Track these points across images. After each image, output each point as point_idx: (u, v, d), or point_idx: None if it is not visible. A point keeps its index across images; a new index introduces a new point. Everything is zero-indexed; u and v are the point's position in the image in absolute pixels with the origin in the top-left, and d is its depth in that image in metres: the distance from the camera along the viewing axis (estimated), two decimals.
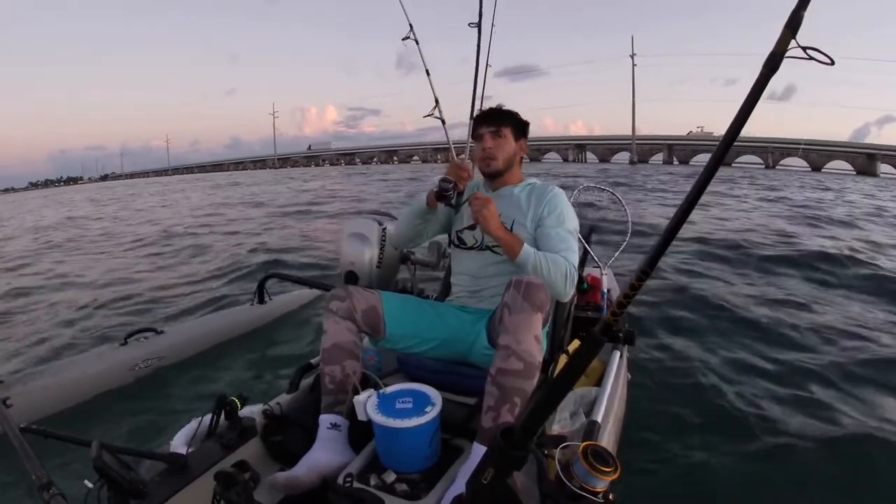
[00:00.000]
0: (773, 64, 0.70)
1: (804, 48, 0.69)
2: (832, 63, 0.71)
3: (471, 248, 1.84)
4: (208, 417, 1.62)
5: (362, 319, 1.63)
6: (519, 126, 1.86)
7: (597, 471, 0.89)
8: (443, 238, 2.03)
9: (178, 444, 1.59)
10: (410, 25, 2.55)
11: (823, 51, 0.70)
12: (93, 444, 1.14)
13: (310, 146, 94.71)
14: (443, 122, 2.54)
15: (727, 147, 0.75)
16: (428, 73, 2.60)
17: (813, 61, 0.71)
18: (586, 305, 2.56)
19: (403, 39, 2.56)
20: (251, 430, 1.61)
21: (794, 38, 0.69)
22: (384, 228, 2.22)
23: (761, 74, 0.71)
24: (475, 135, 1.86)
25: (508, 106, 1.89)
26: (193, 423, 1.66)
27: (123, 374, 3.00)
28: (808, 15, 0.69)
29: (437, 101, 2.52)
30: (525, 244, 1.63)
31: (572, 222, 1.75)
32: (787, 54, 0.69)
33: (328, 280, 4.19)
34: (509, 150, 1.82)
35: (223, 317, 3.89)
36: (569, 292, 1.61)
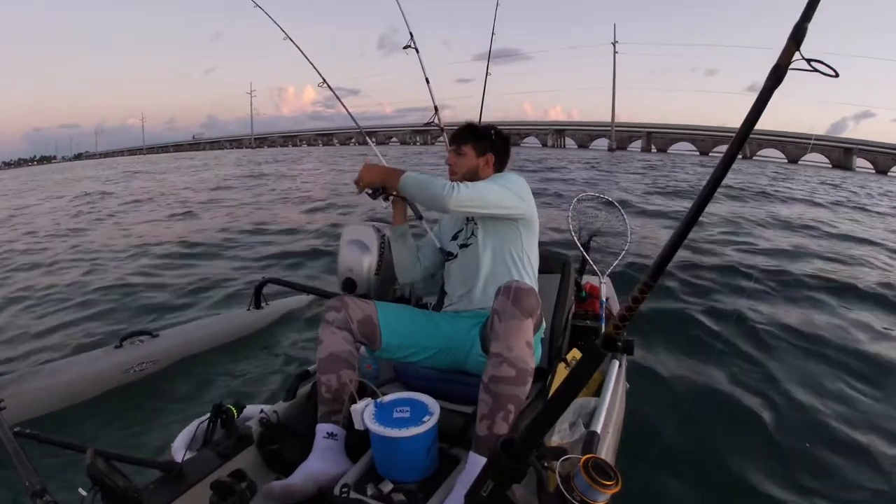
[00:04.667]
0: (777, 76, 0.70)
1: (808, 60, 0.69)
2: (836, 75, 0.71)
3: (456, 256, 1.90)
4: (205, 425, 1.61)
5: (358, 329, 1.62)
6: (485, 142, 1.90)
7: (598, 484, 0.88)
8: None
9: (179, 446, 1.58)
10: (411, 34, 2.58)
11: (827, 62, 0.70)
12: (88, 451, 1.13)
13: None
14: (442, 129, 2.54)
15: (730, 160, 0.75)
16: (428, 82, 2.62)
17: (816, 73, 0.71)
18: (584, 314, 2.55)
19: (405, 48, 2.58)
20: (248, 439, 1.60)
21: (799, 50, 0.69)
22: (383, 235, 2.21)
23: (765, 87, 0.71)
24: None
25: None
26: (195, 424, 1.65)
27: (118, 376, 2.98)
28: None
29: (436, 109, 2.53)
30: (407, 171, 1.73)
31: (505, 182, 1.75)
32: (792, 66, 0.69)
33: (325, 287, 4.17)
34: (469, 165, 1.89)
35: (219, 321, 3.87)
36: (447, 195, 1.59)
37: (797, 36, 0.69)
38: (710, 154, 47.57)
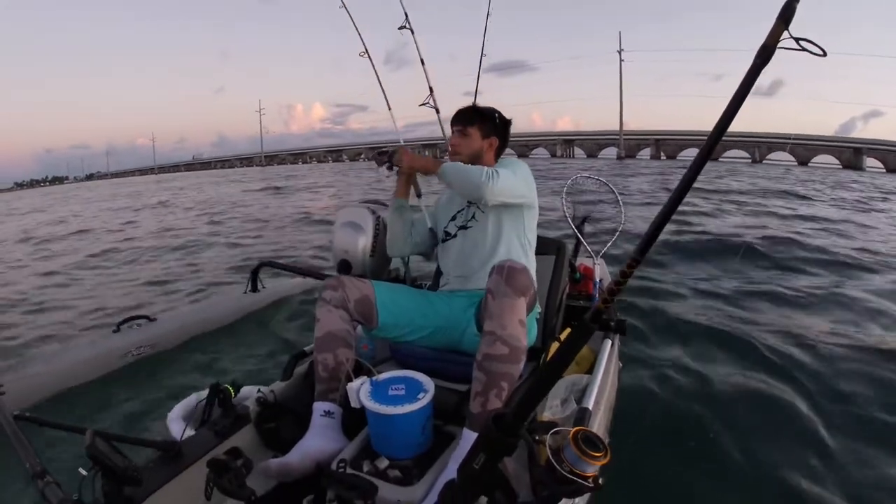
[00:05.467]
0: (765, 55, 0.71)
1: (797, 39, 0.69)
2: (824, 54, 0.71)
3: (455, 237, 1.91)
4: (203, 403, 1.63)
5: (355, 308, 1.63)
6: (489, 125, 1.92)
7: (587, 455, 0.89)
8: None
9: (175, 416, 1.60)
10: (406, 14, 2.54)
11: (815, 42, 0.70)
12: (87, 432, 1.14)
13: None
14: (437, 110, 2.53)
15: (718, 136, 0.75)
16: (423, 63, 2.59)
17: (805, 53, 0.71)
18: (578, 295, 2.57)
19: (400, 28, 2.55)
20: (245, 418, 1.61)
21: (787, 29, 0.69)
22: (378, 217, 2.22)
23: (753, 65, 0.72)
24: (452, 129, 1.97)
25: (492, 102, 1.94)
26: (192, 398, 1.66)
27: (116, 361, 3.00)
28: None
29: (431, 90, 2.51)
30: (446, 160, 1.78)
31: (514, 168, 1.77)
32: (780, 45, 0.70)
33: (321, 269, 4.18)
34: (473, 147, 1.91)
35: (216, 304, 3.89)
36: (486, 183, 1.62)
37: (786, 14, 0.69)
38: (720, 159, 46.42)
